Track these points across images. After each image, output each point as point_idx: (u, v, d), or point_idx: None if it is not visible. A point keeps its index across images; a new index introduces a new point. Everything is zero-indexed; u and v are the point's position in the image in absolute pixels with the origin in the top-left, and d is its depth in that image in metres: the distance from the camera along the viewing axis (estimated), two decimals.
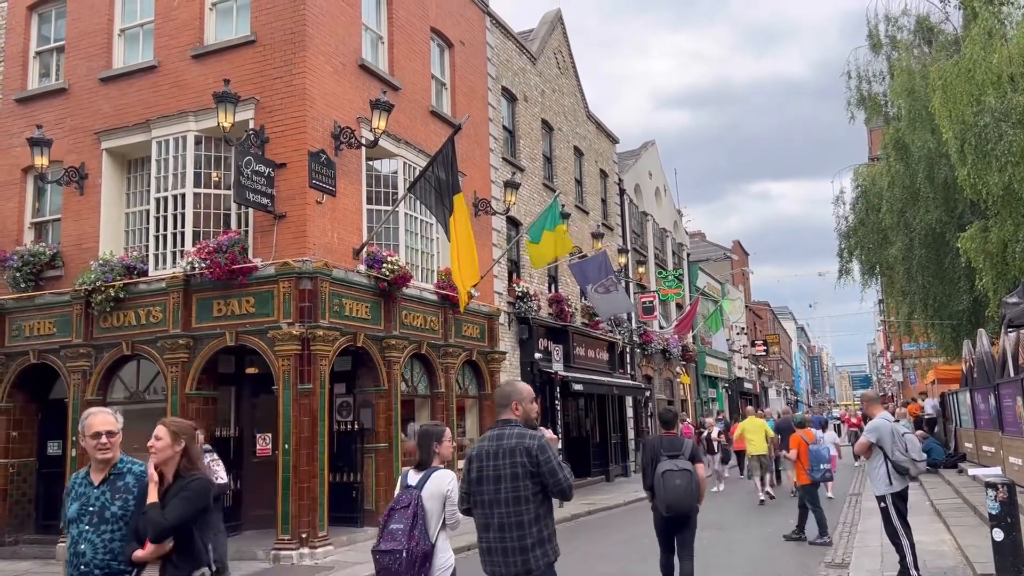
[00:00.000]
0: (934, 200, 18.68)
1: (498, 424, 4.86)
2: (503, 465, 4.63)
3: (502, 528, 4.59)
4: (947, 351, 23.27)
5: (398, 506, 5.00)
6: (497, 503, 4.61)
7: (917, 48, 20.48)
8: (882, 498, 8.23)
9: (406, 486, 5.10)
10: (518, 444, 4.63)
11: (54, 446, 14.16)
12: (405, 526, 4.86)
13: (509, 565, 4.57)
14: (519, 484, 4.58)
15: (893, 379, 51.89)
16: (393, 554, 4.77)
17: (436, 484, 5.01)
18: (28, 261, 13.86)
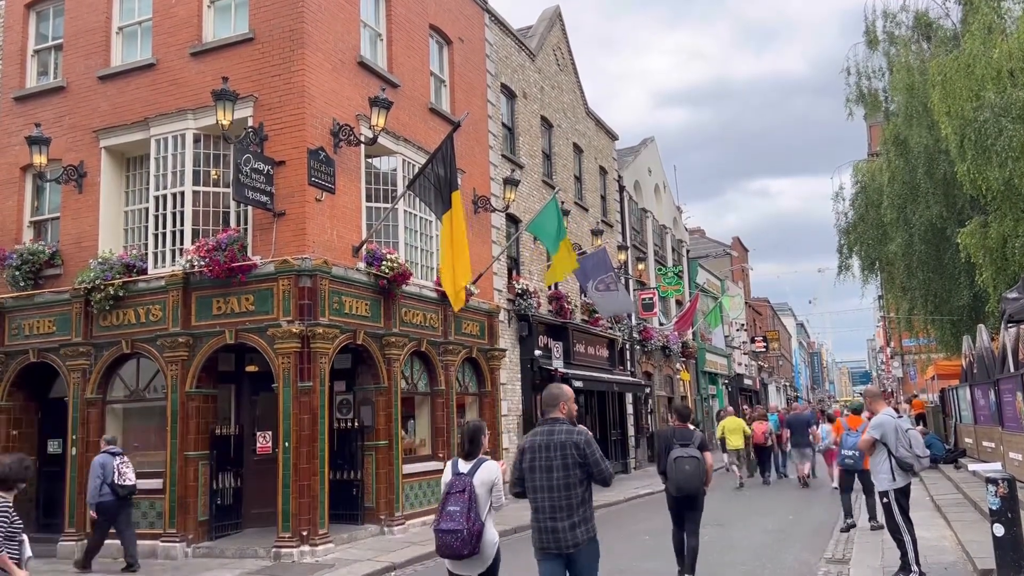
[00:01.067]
0: (934, 196, 18.66)
1: (547, 421, 5.65)
2: (554, 456, 5.42)
3: (554, 510, 5.40)
4: (947, 347, 23.28)
5: (453, 490, 5.68)
6: (549, 488, 5.41)
7: (916, 44, 20.45)
8: (885, 494, 8.23)
9: (458, 473, 5.75)
10: (567, 439, 5.43)
11: (54, 444, 14.17)
12: (462, 508, 5.57)
13: (560, 540, 5.38)
14: (568, 473, 5.38)
15: (893, 375, 51.92)
16: (454, 532, 5.52)
17: (486, 473, 5.71)
18: (27, 260, 13.85)
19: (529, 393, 19.44)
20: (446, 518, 5.61)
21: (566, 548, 5.39)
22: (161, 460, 12.54)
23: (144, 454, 13.27)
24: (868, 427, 8.54)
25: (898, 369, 46.83)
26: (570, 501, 5.39)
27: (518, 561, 5.99)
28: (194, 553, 12.06)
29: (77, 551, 12.67)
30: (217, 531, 12.60)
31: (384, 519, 13.32)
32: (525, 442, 5.68)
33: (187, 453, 12.31)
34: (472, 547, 5.55)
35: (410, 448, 14.87)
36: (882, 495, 8.32)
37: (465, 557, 5.60)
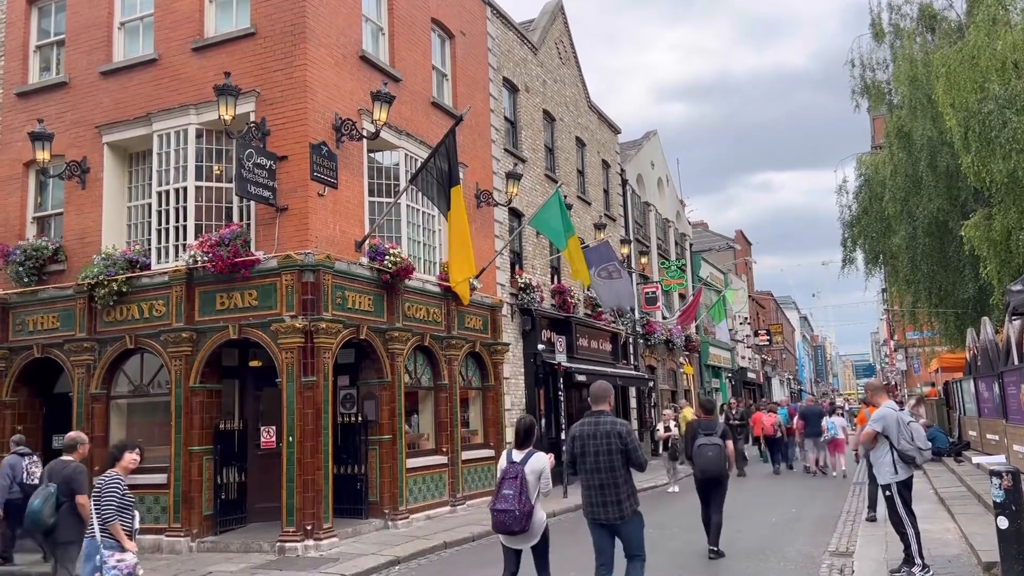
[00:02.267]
0: (937, 188, 18.62)
1: (594, 413, 6.80)
2: (601, 443, 6.60)
3: (602, 487, 6.58)
4: (951, 339, 23.24)
5: (507, 476, 6.63)
6: (598, 470, 6.60)
7: (920, 36, 20.38)
8: (887, 487, 8.23)
9: (511, 461, 6.71)
10: (612, 428, 6.63)
11: (59, 440, 14.16)
12: (514, 491, 6.50)
13: (608, 513, 6.58)
14: (613, 457, 6.56)
15: (897, 368, 51.84)
16: (507, 512, 6.51)
17: (536, 462, 6.64)
18: (31, 255, 13.87)
19: (532, 387, 19.45)
20: (501, 500, 6.57)
21: (615, 519, 6.57)
22: (165, 455, 12.56)
23: (148, 449, 13.23)
24: (870, 420, 8.54)
25: (902, 362, 46.74)
26: (615, 480, 6.56)
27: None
28: (199, 547, 12.10)
29: None
30: (222, 525, 12.64)
31: (388, 513, 13.35)
32: (575, 430, 6.83)
33: (191, 448, 12.35)
34: (523, 525, 6.51)
35: (414, 442, 14.89)
36: (884, 488, 8.31)
37: (517, 533, 6.59)
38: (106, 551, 6.96)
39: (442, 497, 14.98)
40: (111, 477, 7.18)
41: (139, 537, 12.33)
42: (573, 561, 7.35)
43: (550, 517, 12.45)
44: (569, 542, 7.14)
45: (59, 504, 7.83)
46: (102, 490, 7.06)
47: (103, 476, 7.26)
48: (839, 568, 9.31)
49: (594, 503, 6.64)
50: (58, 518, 7.74)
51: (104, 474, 7.31)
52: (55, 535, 7.91)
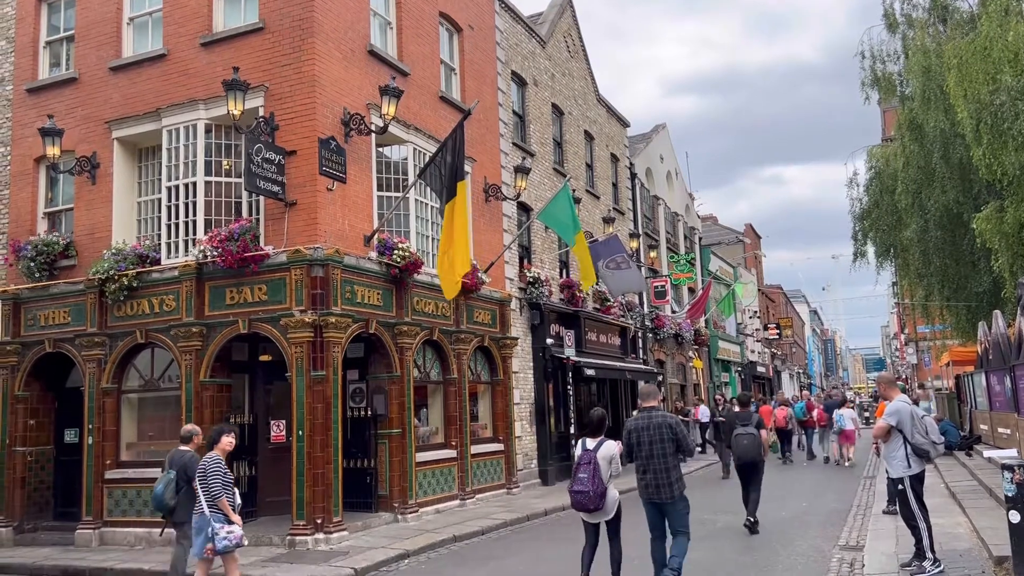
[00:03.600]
0: (949, 181, 18.48)
1: (645, 409, 8.02)
2: (655, 434, 7.79)
3: (656, 472, 7.74)
4: (962, 333, 23.12)
5: (582, 462, 7.78)
6: (652, 457, 7.76)
7: (932, 27, 20.20)
8: (900, 480, 8.19)
9: (586, 449, 7.85)
10: (663, 421, 7.85)
11: (71, 434, 14.28)
12: (588, 475, 7.64)
13: (661, 494, 7.74)
14: (665, 446, 7.74)
15: (907, 361, 51.62)
16: (583, 493, 7.63)
17: (606, 449, 7.80)
18: (42, 251, 13.94)
19: (541, 381, 19.45)
20: (577, 482, 7.72)
21: (666, 499, 7.71)
22: None
23: (159, 443, 13.38)
24: (883, 414, 8.49)
25: (913, 356, 46.54)
26: (667, 466, 7.71)
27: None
28: None
29: (94, 539, 12.82)
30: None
31: (398, 507, 13.39)
32: (631, 424, 8.05)
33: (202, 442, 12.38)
34: (597, 503, 7.62)
35: (423, 436, 14.92)
36: (897, 482, 8.27)
37: (592, 511, 7.71)
38: (216, 524, 7.92)
39: (451, 491, 15.01)
40: (213, 459, 8.12)
41: (150, 530, 12.51)
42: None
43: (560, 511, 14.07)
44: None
45: (178, 488, 8.66)
46: (207, 471, 8.03)
47: (205, 458, 8.16)
48: (849, 562, 9.28)
49: (648, 486, 7.79)
50: (177, 500, 8.59)
51: (206, 456, 8.20)
52: (175, 515, 8.76)
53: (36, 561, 12.05)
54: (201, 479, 8.08)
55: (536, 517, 14.26)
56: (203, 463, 8.19)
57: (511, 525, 13.42)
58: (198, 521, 8.14)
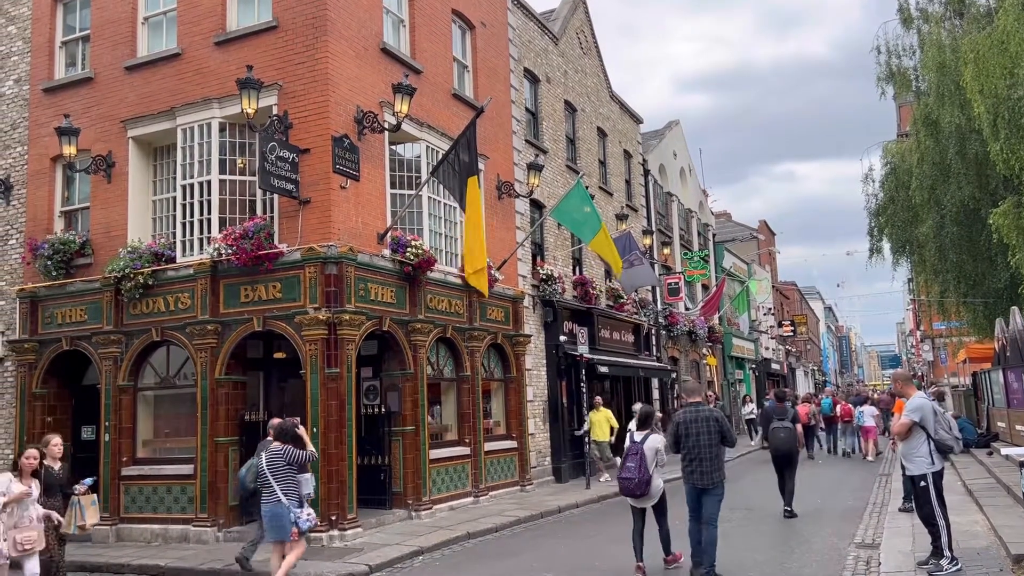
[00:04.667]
0: (966, 176, 18.32)
1: (691, 404, 8.82)
2: (701, 426, 8.52)
3: (701, 460, 8.47)
4: (979, 330, 22.92)
5: (630, 452, 8.79)
6: (698, 447, 8.50)
7: (948, 21, 20.01)
8: (923, 477, 8.06)
9: (633, 441, 8.86)
10: (709, 415, 8.62)
11: (88, 431, 14.40)
12: (635, 464, 8.64)
13: (704, 480, 8.46)
14: (711, 437, 8.49)
15: (923, 358, 51.23)
16: (630, 479, 8.65)
17: (653, 441, 8.77)
18: (59, 249, 14.05)
19: (554, 379, 19.44)
20: (625, 470, 8.78)
21: (707, 484, 8.44)
22: (192, 446, 12.70)
23: (175, 440, 13.48)
24: (905, 411, 8.34)
25: (928, 352, 46.16)
26: (711, 454, 8.47)
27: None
28: (225, 537, 12.22)
29: (111, 536, 12.92)
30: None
31: (411, 504, 13.42)
32: (679, 417, 8.78)
33: (217, 439, 12.47)
34: (642, 489, 8.62)
35: (437, 433, 14.95)
36: (919, 479, 8.14)
37: (639, 496, 8.71)
38: (296, 509, 8.62)
39: (465, 488, 15.03)
40: (285, 447, 8.81)
41: (167, 527, 12.64)
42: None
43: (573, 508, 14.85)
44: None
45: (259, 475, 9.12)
46: (284, 455, 8.69)
47: (276, 449, 8.79)
48: (865, 560, 9.24)
49: (694, 472, 8.52)
50: (258, 485, 9.04)
51: (276, 448, 8.82)
52: (258, 498, 9.22)
53: None
54: (300, 468, 8.87)
55: (550, 514, 14.26)
56: (284, 451, 8.81)
57: (525, 522, 13.42)
58: (271, 510, 8.66)
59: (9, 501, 7.69)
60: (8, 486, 7.76)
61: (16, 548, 7.66)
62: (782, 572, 9.00)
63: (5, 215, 15.20)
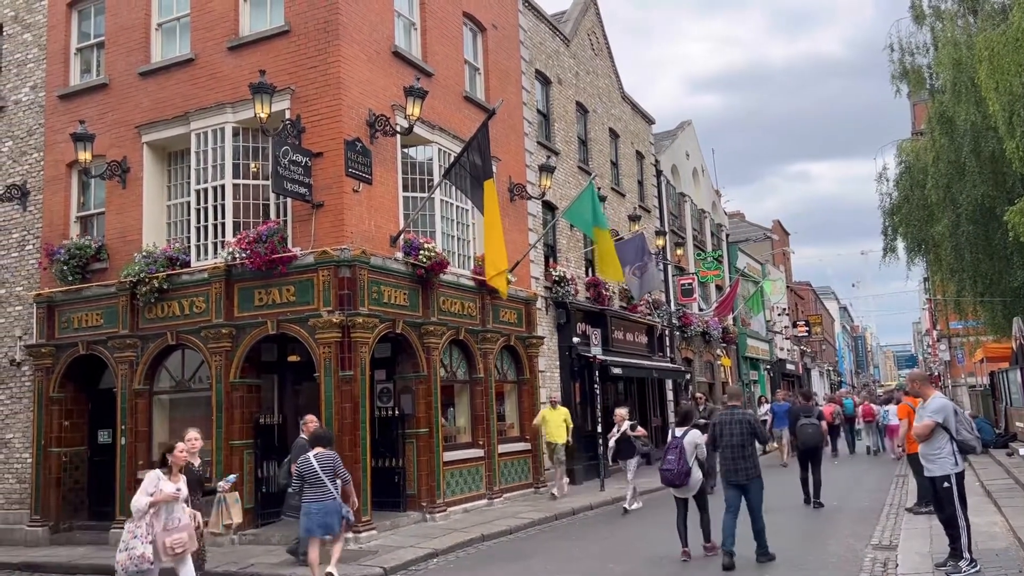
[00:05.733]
0: (981, 174, 18.16)
1: (730, 407, 9.86)
2: (736, 427, 9.41)
3: (735, 459, 9.31)
4: (997, 329, 22.72)
5: (671, 447, 9.63)
6: (732, 446, 9.36)
7: (962, 18, 19.84)
8: (946, 478, 7.91)
9: (674, 436, 9.76)
10: (743, 417, 9.55)
11: (104, 435, 14.51)
12: (675, 457, 9.48)
13: (739, 474, 9.29)
14: (745, 437, 9.36)
15: (940, 358, 50.82)
16: (670, 471, 9.49)
17: (691, 436, 9.67)
18: (75, 254, 14.16)
19: (568, 380, 19.41)
20: (666, 463, 9.56)
21: (744, 479, 9.27)
22: (207, 449, 12.72)
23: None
24: (927, 412, 8.12)
25: (945, 352, 45.78)
26: (745, 452, 9.30)
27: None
28: (240, 540, 12.27)
29: None
30: (262, 519, 12.80)
31: (426, 506, 13.43)
32: (716, 418, 9.96)
33: (232, 442, 12.52)
34: (682, 480, 9.48)
35: (450, 435, 14.96)
36: (942, 480, 7.96)
37: (678, 486, 9.58)
38: (344, 506, 9.30)
39: (479, 490, 15.03)
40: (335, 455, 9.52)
41: None
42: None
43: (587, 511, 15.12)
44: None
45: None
46: (335, 463, 9.30)
47: (328, 454, 9.37)
48: (883, 562, 9.17)
49: (729, 469, 9.36)
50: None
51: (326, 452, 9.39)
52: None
53: (71, 560, 12.26)
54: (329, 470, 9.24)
55: (564, 516, 14.23)
56: (327, 458, 9.33)
57: (539, 524, 13.41)
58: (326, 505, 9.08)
59: (158, 500, 7.12)
60: (157, 484, 7.18)
61: (167, 552, 7.11)
62: (799, 573, 8.95)
63: (22, 221, 15.33)
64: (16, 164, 15.57)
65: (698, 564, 9.55)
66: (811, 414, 14.48)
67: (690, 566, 9.55)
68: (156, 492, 7.11)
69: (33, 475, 14.28)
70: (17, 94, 15.78)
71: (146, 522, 7.03)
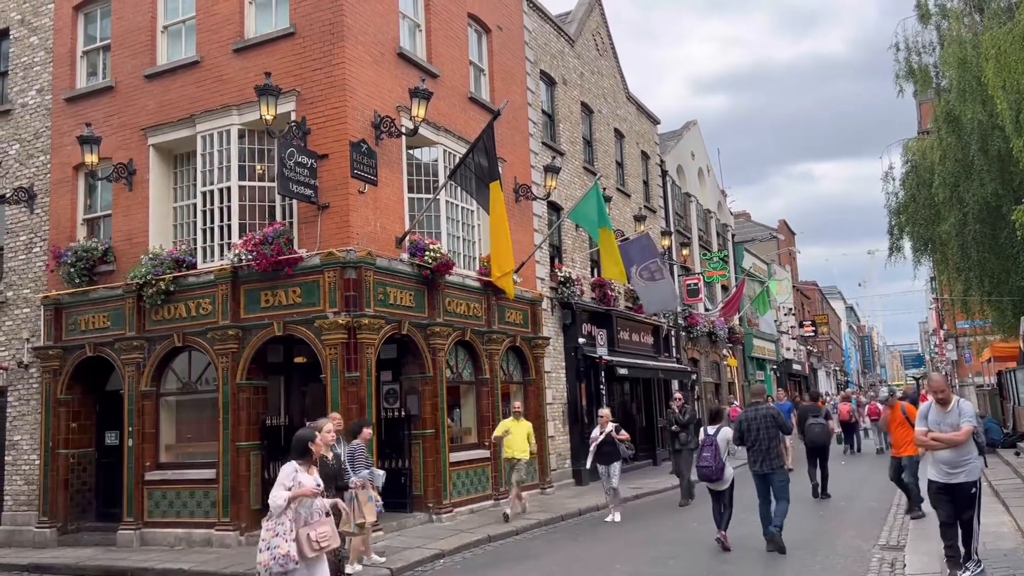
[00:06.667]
0: (988, 173, 18.09)
1: (753, 404, 10.67)
2: (762, 422, 10.17)
3: (761, 451, 10.10)
4: (1004, 328, 22.62)
5: (706, 444, 10.31)
6: (760, 440, 10.12)
7: (968, 17, 19.77)
8: (976, 483, 7.60)
9: (707, 434, 10.40)
10: (767, 412, 10.34)
11: (111, 436, 14.54)
12: (711, 454, 10.15)
13: (764, 466, 10.07)
14: (769, 431, 10.11)
15: (947, 358, 50.66)
16: (708, 467, 10.13)
17: (723, 434, 10.35)
18: (82, 256, 14.20)
19: (574, 381, 19.40)
20: (702, 460, 10.25)
21: (768, 470, 10.06)
22: (213, 451, 12.79)
23: (197, 445, 13.58)
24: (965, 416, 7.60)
25: (952, 352, 45.61)
26: (770, 445, 10.09)
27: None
28: (247, 541, 12.27)
29: (135, 540, 13.03)
30: None
31: (432, 507, 13.44)
32: (742, 415, 10.57)
33: (239, 443, 12.55)
34: (717, 475, 10.12)
35: (456, 436, 14.95)
36: (972, 485, 7.55)
37: (714, 480, 10.19)
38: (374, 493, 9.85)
39: (485, 491, 15.03)
40: (358, 445, 9.98)
41: (190, 531, 12.73)
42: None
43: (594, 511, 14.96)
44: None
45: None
46: (354, 454, 9.76)
47: (352, 444, 9.90)
48: (890, 562, 9.14)
49: (756, 461, 10.13)
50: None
51: (351, 443, 9.92)
52: None
53: (79, 561, 12.29)
54: (350, 460, 9.58)
55: (570, 517, 14.22)
56: (351, 449, 9.82)
57: (545, 525, 13.40)
58: None
59: (297, 495, 6.60)
60: (294, 478, 6.65)
61: (312, 547, 6.58)
62: (807, 572, 8.92)
63: (29, 223, 15.39)
64: (23, 167, 15.63)
65: (710, 555, 9.53)
66: (819, 414, 15.37)
67: (697, 565, 9.54)
68: (294, 486, 6.61)
69: (41, 476, 14.33)
70: (24, 97, 15.84)
71: (289, 518, 6.58)
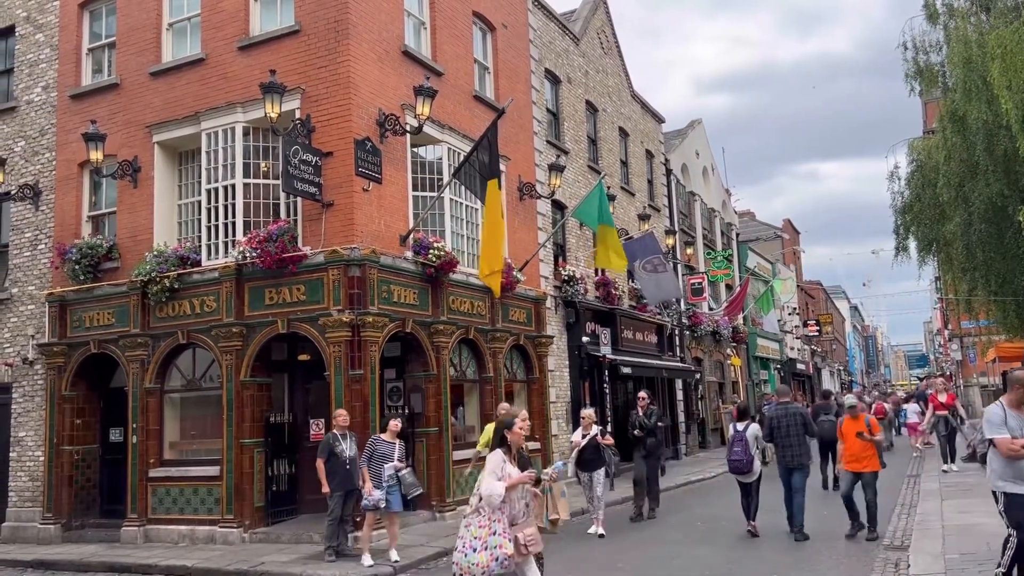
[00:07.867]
0: (994, 173, 18.03)
1: (782, 402, 11.61)
2: (791, 420, 11.06)
3: (791, 447, 10.97)
4: (1009, 328, 22.56)
5: (735, 439, 11.23)
6: (788, 436, 11.01)
7: (975, 16, 19.70)
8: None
9: (736, 430, 11.30)
10: (796, 411, 11.28)
11: (116, 433, 14.57)
12: (741, 448, 11.05)
13: (794, 460, 10.94)
14: (798, 428, 11.01)
15: (951, 358, 50.57)
16: (738, 460, 11.05)
17: (752, 429, 11.23)
18: (86, 253, 14.22)
19: (577, 380, 19.39)
20: (733, 454, 11.21)
21: (796, 465, 10.90)
22: (218, 448, 12.81)
23: (201, 442, 13.60)
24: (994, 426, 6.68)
25: (957, 352, 45.55)
26: (799, 442, 10.97)
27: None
28: (251, 539, 12.32)
29: (139, 537, 13.06)
30: (273, 517, 12.85)
31: (436, 505, 13.45)
32: (771, 413, 11.57)
33: (243, 441, 12.57)
34: (747, 468, 11.03)
35: (460, 435, 14.96)
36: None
37: (745, 473, 11.09)
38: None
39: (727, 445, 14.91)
40: (378, 438, 10.51)
41: (193, 528, 12.75)
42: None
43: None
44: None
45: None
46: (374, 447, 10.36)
47: (372, 438, 10.57)
48: (894, 562, 9.12)
49: (786, 456, 10.99)
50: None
51: (373, 437, 10.57)
52: None
53: (83, 557, 12.32)
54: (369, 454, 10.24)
55: (574, 515, 14.19)
56: (370, 444, 10.47)
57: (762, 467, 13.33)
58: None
59: (515, 483, 5.97)
60: (503, 468, 5.98)
61: (520, 551, 5.96)
62: (811, 573, 8.91)
63: (34, 220, 15.42)
64: (28, 164, 15.66)
65: (713, 555, 9.52)
66: (829, 411, 16.49)
67: (698, 560, 9.53)
68: (504, 477, 5.98)
69: (45, 473, 14.37)
70: (29, 94, 15.87)
71: (506, 514, 5.98)
